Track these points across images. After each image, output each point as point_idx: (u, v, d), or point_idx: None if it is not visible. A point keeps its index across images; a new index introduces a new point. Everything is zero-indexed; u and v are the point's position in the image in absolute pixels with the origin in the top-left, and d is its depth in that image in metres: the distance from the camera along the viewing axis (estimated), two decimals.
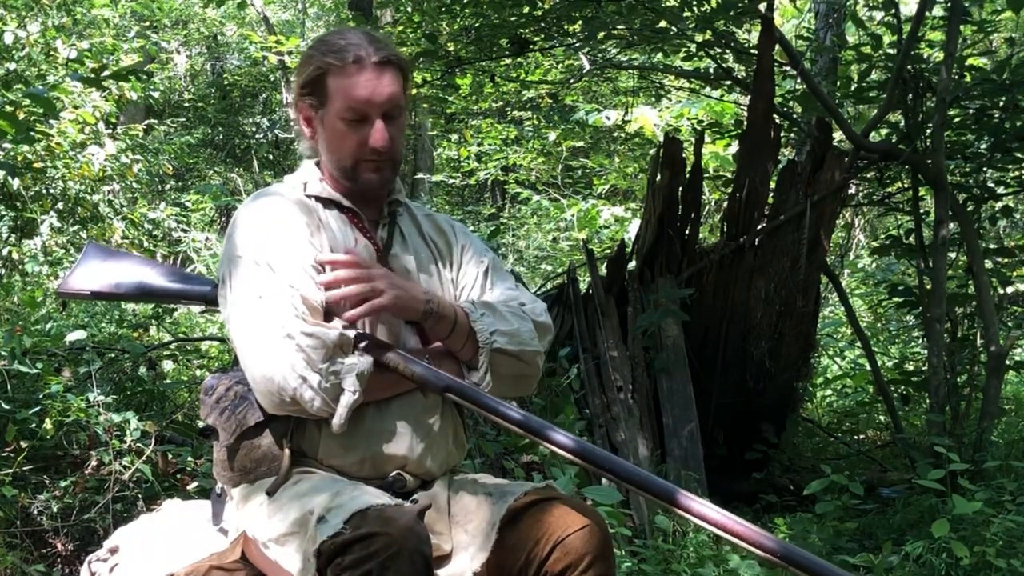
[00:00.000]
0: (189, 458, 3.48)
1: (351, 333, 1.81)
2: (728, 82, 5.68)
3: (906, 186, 5.11)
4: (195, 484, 3.37)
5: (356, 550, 1.58)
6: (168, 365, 4.85)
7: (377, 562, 1.57)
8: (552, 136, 10.34)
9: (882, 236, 7.05)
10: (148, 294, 2.07)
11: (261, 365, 1.75)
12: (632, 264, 4.99)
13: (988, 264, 4.75)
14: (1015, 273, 5.20)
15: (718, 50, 5.41)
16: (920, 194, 5.02)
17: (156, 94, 8.73)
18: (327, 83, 1.86)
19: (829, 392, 6.67)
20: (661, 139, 5.93)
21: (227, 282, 1.85)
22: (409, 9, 6.17)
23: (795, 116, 5.56)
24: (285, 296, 1.77)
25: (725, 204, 5.15)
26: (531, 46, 5.69)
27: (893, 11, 4.70)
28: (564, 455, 1.79)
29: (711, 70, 5.69)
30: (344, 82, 1.84)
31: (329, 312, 1.84)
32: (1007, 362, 4.53)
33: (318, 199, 1.93)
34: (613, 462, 1.80)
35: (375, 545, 1.58)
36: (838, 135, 5.17)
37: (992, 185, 5.05)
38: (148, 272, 2.06)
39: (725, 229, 4.86)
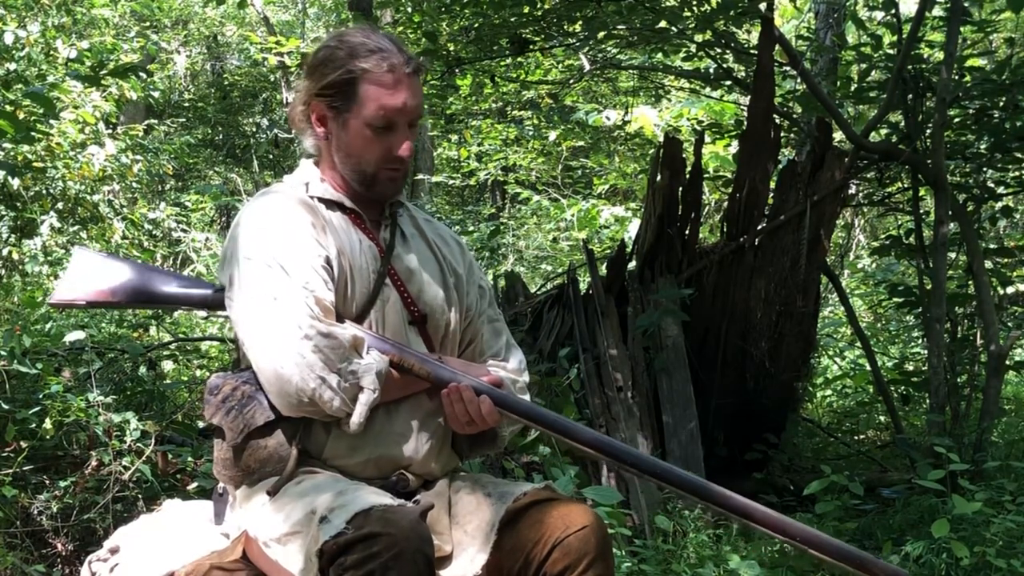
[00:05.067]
0: (189, 458, 3.48)
1: (364, 333, 1.81)
2: (728, 82, 5.68)
3: (906, 186, 5.11)
4: (195, 484, 3.37)
5: (359, 550, 1.58)
6: (168, 365, 4.86)
7: (379, 562, 1.57)
8: (552, 136, 10.34)
9: (882, 236, 7.05)
10: (147, 300, 2.01)
11: (278, 366, 1.75)
12: (632, 264, 4.99)
13: (988, 264, 4.75)
14: (1015, 273, 5.19)
15: (718, 50, 5.40)
16: (920, 194, 5.01)
17: (156, 94, 8.72)
18: (358, 88, 1.83)
19: (829, 392, 6.66)
20: (661, 139, 5.93)
21: (236, 284, 1.83)
22: (409, 9, 6.17)
23: (795, 116, 5.56)
24: (300, 297, 1.77)
25: (725, 204, 5.14)
26: (531, 46, 5.69)
27: (893, 11, 4.70)
28: (589, 452, 1.85)
29: (711, 70, 5.69)
30: (378, 90, 1.83)
31: (339, 314, 1.84)
32: (1007, 362, 4.53)
33: (320, 200, 1.93)
34: (639, 458, 1.87)
35: (378, 545, 1.58)
36: (838, 135, 5.17)
37: (992, 185, 5.05)
38: (144, 276, 2.00)
39: (725, 229, 4.86)
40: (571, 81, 7.77)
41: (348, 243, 1.89)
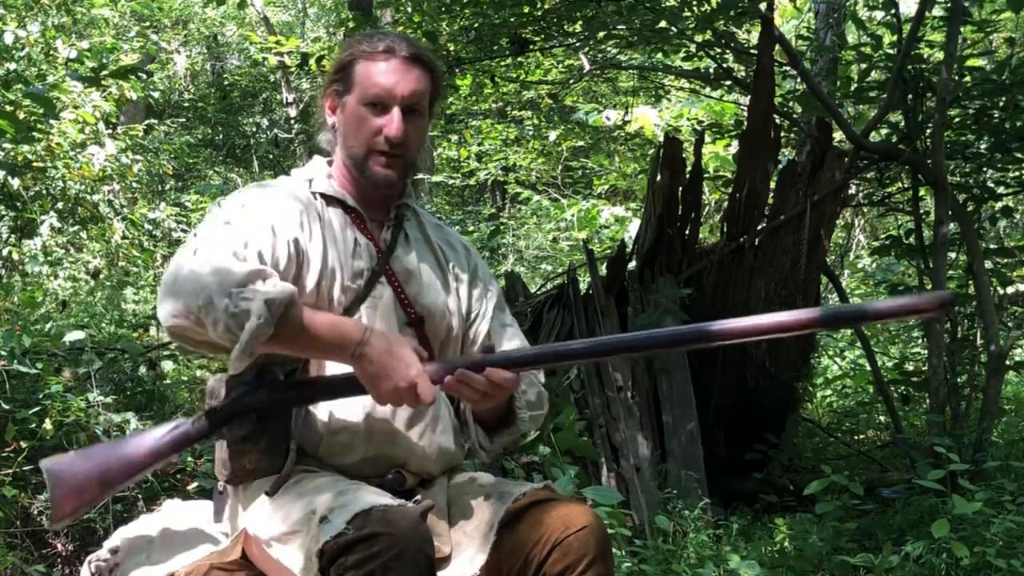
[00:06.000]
0: (189, 458, 3.48)
1: (270, 270, 1.71)
2: (728, 82, 5.68)
3: (906, 186, 5.11)
4: (195, 484, 3.38)
5: (359, 550, 1.58)
6: (168, 365, 4.86)
7: (380, 563, 1.57)
8: (552, 136, 10.34)
9: (882, 236, 7.05)
10: (139, 468, 1.83)
11: (176, 275, 1.67)
12: (632, 264, 4.99)
13: (988, 264, 4.75)
14: (1015, 273, 5.19)
15: (718, 50, 5.41)
16: (920, 194, 5.01)
17: (156, 94, 8.72)
18: (355, 69, 1.87)
19: (829, 392, 6.66)
20: (661, 139, 5.93)
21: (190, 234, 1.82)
22: (409, 9, 6.17)
23: (795, 116, 5.56)
24: (232, 239, 1.72)
25: (725, 204, 5.15)
26: (531, 46, 5.69)
27: (893, 11, 4.70)
28: (587, 362, 1.82)
29: (711, 70, 5.69)
30: (371, 68, 1.86)
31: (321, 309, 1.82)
32: (1007, 362, 4.53)
33: (322, 195, 1.93)
34: (631, 339, 1.78)
35: (378, 546, 1.57)
36: (838, 135, 5.17)
37: (992, 185, 5.05)
38: (122, 450, 1.83)
39: (725, 229, 4.86)
40: (571, 81, 7.77)
41: (340, 240, 1.89)
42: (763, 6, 4.69)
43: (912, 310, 1.66)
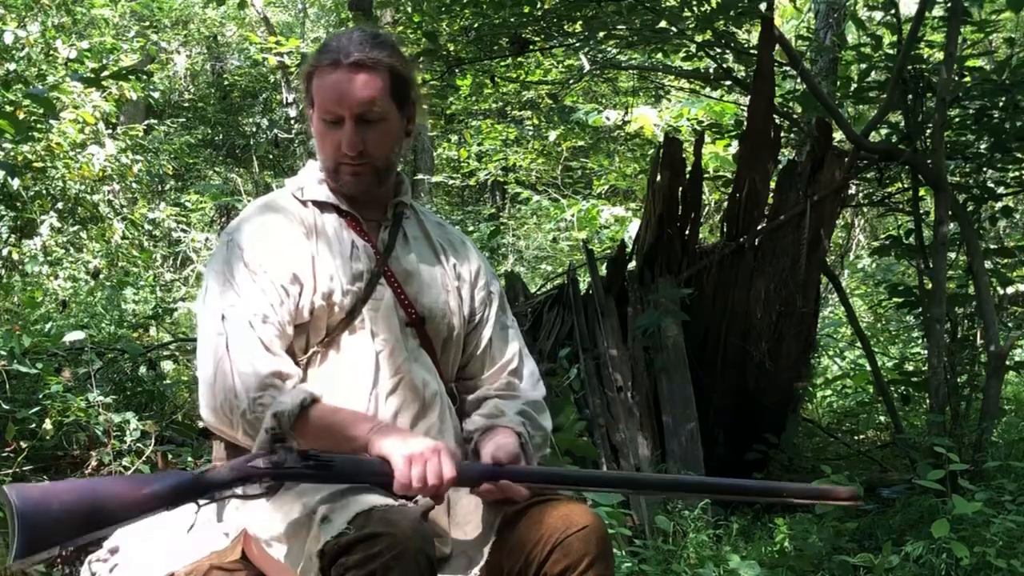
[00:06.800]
0: (189, 458, 3.48)
1: (289, 368, 1.79)
2: (728, 82, 5.68)
3: (906, 186, 5.11)
4: None
5: (360, 550, 1.58)
6: (168, 365, 4.86)
7: (381, 563, 1.56)
8: (552, 136, 10.35)
9: (882, 236, 7.05)
10: (139, 507, 1.66)
11: (207, 382, 1.78)
12: (632, 264, 4.99)
13: (988, 264, 4.75)
14: (1015, 273, 5.19)
15: (718, 50, 5.40)
16: (920, 194, 5.01)
17: (156, 94, 8.73)
18: (313, 83, 1.87)
19: (829, 392, 6.66)
20: (661, 139, 5.93)
21: (201, 292, 1.88)
22: (409, 9, 6.17)
23: (795, 116, 5.55)
24: (245, 323, 1.78)
25: (725, 204, 5.14)
26: (531, 46, 5.69)
27: (893, 11, 4.70)
28: (617, 491, 1.83)
29: (711, 70, 5.69)
30: (321, 83, 1.85)
31: (324, 315, 1.84)
32: (1007, 362, 4.52)
33: (315, 203, 1.93)
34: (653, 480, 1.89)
35: (379, 545, 1.57)
36: (838, 135, 5.17)
37: (992, 185, 5.05)
38: (103, 490, 1.68)
39: (725, 229, 4.86)
40: (571, 81, 7.76)
41: (338, 245, 1.89)
42: (763, 6, 4.68)
43: (827, 496, 1.84)
